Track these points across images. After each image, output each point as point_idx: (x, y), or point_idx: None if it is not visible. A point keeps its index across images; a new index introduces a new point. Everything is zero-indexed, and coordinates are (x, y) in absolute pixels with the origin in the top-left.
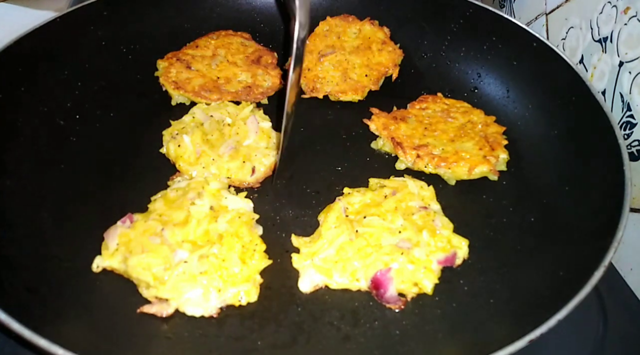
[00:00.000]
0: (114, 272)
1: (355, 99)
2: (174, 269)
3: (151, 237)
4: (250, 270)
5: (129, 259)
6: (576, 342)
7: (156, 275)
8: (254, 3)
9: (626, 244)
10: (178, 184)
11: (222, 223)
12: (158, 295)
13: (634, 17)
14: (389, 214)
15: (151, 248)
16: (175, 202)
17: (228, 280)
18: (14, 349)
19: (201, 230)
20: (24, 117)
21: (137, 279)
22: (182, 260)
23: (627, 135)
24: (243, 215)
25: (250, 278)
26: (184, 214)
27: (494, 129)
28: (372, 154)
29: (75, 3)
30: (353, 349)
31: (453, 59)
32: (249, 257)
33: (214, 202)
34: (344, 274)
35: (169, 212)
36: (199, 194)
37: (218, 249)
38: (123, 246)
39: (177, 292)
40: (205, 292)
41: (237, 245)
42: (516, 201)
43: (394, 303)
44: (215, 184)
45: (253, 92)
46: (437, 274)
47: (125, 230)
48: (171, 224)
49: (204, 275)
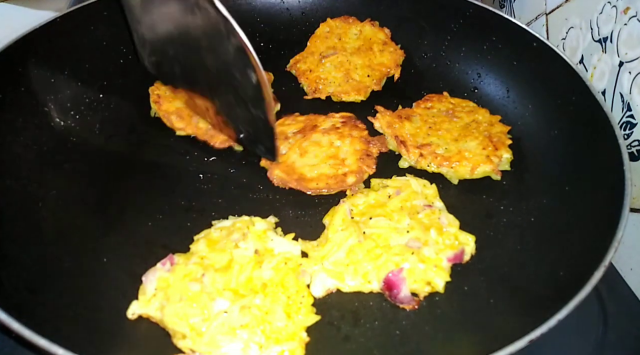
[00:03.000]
0: (149, 319)
1: (358, 100)
2: (212, 320)
3: (190, 283)
4: (295, 326)
5: (166, 307)
6: (576, 342)
7: (193, 326)
8: (254, 3)
9: (626, 244)
10: (222, 223)
11: (266, 269)
12: (193, 348)
13: (634, 17)
14: (394, 213)
15: (190, 296)
16: (219, 244)
17: (271, 336)
18: (14, 349)
19: (244, 277)
20: (24, 117)
21: (172, 330)
22: (222, 311)
23: (627, 135)
24: (290, 261)
25: (295, 335)
26: (227, 258)
27: (499, 129)
28: None
29: (75, 3)
30: (353, 349)
31: (453, 59)
32: (295, 311)
33: (259, 245)
34: (356, 277)
35: (211, 256)
36: (244, 235)
37: (261, 299)
38: (161, 292)
39: (215, 345)
40: (245, 347)
41: (283, 296)
42: (517, 201)
43: (407, 303)
44: (261, 225)
45: (220, 136)
46: (448, 271)
47: (165, 275)
48: (212, 269)
49: (244, 329)
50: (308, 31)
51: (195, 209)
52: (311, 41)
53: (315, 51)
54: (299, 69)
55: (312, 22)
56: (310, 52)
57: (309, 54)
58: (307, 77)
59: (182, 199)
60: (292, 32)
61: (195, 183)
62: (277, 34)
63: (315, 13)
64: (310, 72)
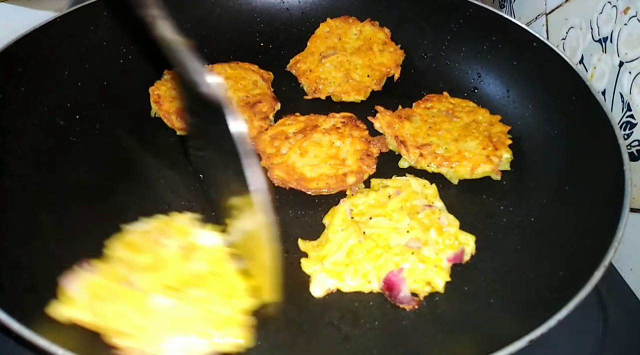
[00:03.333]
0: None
1: (358, 100)
2: (152, 316)
3: (122, 283)
4: (236, 311)
5: (100, 308)
6: (576, 342)
7: (134, 323)
8: (254, 3)
9: (626, 244)
10: (136, 226)
11: (196, 262)
12: (135, 345)
13: (634, 17)
14: (394, 213)
15: (125, 295)
16: (138, 245)
17: (213, 325)
18: (14, 349)
19: (175, 272)
20: (24, 117)
21: (108, 329)
22: (161, 306)
23: (627, 135)
24: (217, 252)
25: (237, 320)
26: (152, 257)
27: (499, 129)
28: None
29: (75, 3)
30: (353, 349)
31: (453, 59)
32: (234, 297)
33: (183, 240)
34: (356, 277)
35: (132, 256)
36: (165, 233)
37: (197, 291)
38: (91, 293)
39: (158, 340)
40: (189, 338)
41: (218, 284)
42: (517, 201)
43: (407, 303)
44: (181, 220)
45: None
46: (448, 271)
47: (91, 277)
48: (139, 268)
49: (186, 321)
50: (308, 31)
51: (195, 209)
52: (311, 41)
53: (315, 51)
54: (299, 69)
55: (312, 22)
56: (310, 52)
57: (309, 54)
58: (307, 77)
59: (182, 199)
60: (292, 32)
61: (195, 183)
62: (277, 34)
63: (315, 13)
64: (310, 72)
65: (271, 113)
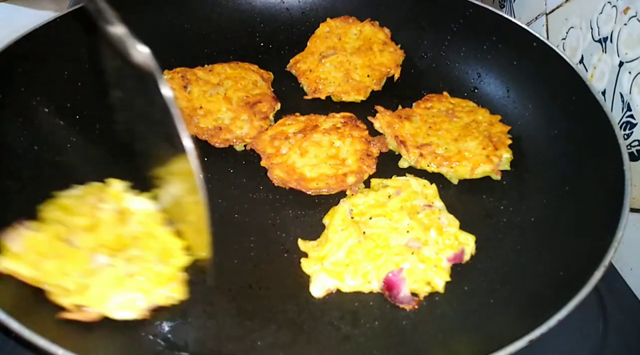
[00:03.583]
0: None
1: (358, 100)
2: (97, 274)
3: (64, 241)
4: (172, 268)
5: (42, 264)
6: (576, 342)
7: (77, 281)
8: (254, 3)
9: (626, 244)
10: (70, 191)
11: (133, 224)
12: (78, 303)
13: (634, 17)
14: (394, 213)
15: (68, 253)
16: (73, 209)
17: (154, 281)
18: (14, 349)
19: (113, 233)
20: (24, 117)
21: (52, 286)
22: (106, 265)
23: (627, 135)
24: (151, 215)
25: (174, 277)
26: (89, 219)
27: (499, 128)
28: None
29: (75, 3)
30: (353, 349)
31: (453, 59)
32: (170, 256)
33: (118, 205)
34: (356, 277)
35: (69, 219)
36: (101, 198)
37: (136, 250)
38: (32, 250)
39: (102, 298)
40: (132, 295)
41: (155, 245)
42: (517, 201)
43: (407, 303)
44: (117, 186)
45: (220, 135)
46: (448, 271)
47: (32, 234)
48: (78, 229)
49: (128, 279)
50: (308, 31)
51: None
52: (311, 41)
53: (315, 51)
54: (299, 69)
55: (312, 22)
56: (310, 52)
57: (309, 54)
58: (307, 77)
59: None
60: (292, 32)
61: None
62: (277, 34)
63: (315, 13)
64: (310, 72)
65: (271, 113)
